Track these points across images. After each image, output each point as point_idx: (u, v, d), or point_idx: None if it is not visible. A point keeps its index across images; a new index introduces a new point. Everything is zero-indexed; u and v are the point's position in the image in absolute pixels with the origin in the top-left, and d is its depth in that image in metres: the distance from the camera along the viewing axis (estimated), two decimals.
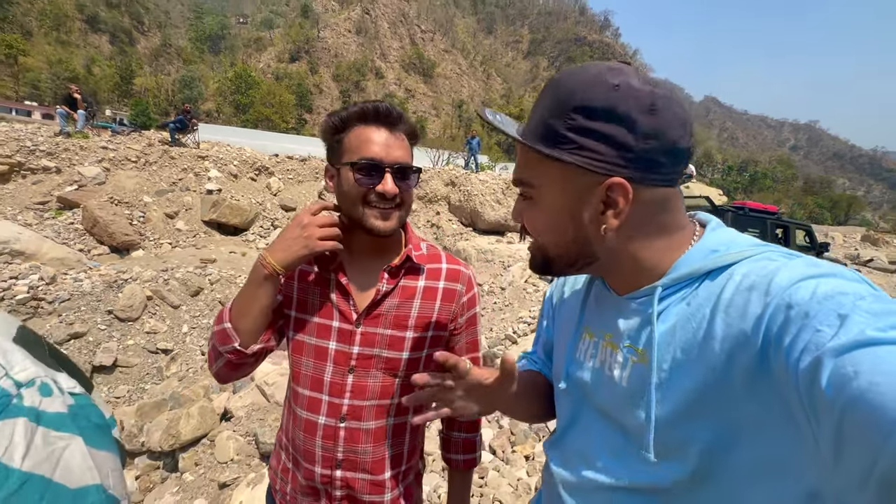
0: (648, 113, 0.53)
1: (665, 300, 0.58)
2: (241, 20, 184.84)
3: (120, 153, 9.63)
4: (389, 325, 0.95)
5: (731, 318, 0.50)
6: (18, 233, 6.36)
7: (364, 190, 0.88)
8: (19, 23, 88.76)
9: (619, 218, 0.56)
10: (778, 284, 0.47)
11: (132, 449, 3.24)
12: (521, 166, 0.63)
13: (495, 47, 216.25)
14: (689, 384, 0.53)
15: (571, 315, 0.76)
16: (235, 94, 66.18)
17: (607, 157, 0.54)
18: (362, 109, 0.90)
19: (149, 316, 5.91)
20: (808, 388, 0.40)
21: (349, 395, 0.93)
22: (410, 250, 0.98)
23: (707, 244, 0.59)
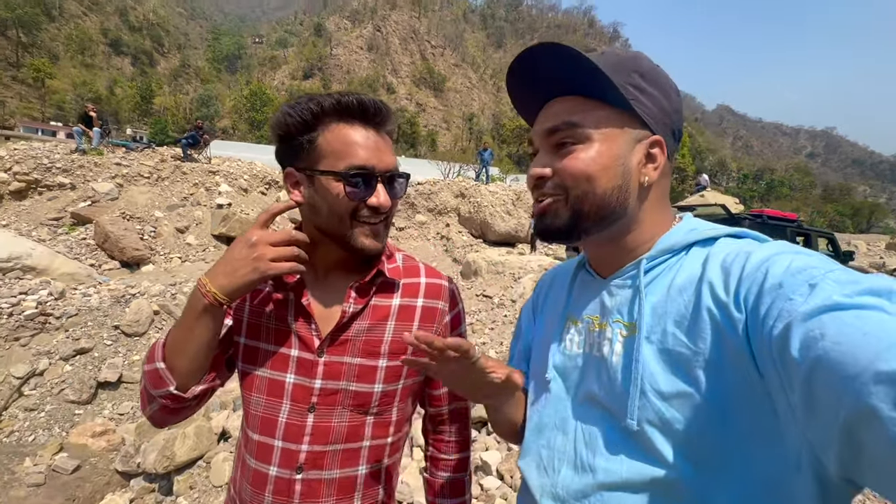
0: (676, 94, 0.64)
1: (650, 273, 0.62)
2: (257, 40, 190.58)
3: (133, 169, 9.79)
4: (358, 352, 0.79)
5: (716, 293, 0.53)
6: (31, 248, 6.43)
7: (354, 204, 0.73)
8: (47, 48, 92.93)
9: (657, 172, 0.61)
10: (755, 259, 0.51)
11: (128, 470, 3.14)
12: (566, 112, 0.62)
13: (505, 61, 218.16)
14: (679, 356, 0.54)
15: (556, 309, 0.76)
16: (250, 111, 67.76)
17: (657, 116, 0.61)
18: (342, 102, 0.73)
19: (155, 331, 5.87)
20: (780, 353, 0.43)
21: (308, 440, 0.77)
22: (382, 263, 0.83)
23: (686, 225, 0.65)
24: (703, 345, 0.52)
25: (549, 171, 0.63)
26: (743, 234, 0.60)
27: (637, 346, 0.57)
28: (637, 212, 0.63)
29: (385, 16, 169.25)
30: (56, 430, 4.48)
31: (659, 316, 0.57)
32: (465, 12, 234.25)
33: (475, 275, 9.63)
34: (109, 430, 4.15)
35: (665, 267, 0.61)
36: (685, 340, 0.54)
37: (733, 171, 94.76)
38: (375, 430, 0.81)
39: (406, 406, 0.87)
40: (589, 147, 0.60)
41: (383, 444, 0.83)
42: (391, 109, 0.78)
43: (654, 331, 0.57)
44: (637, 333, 0.58)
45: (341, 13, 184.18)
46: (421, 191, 13.15)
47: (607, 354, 0.62)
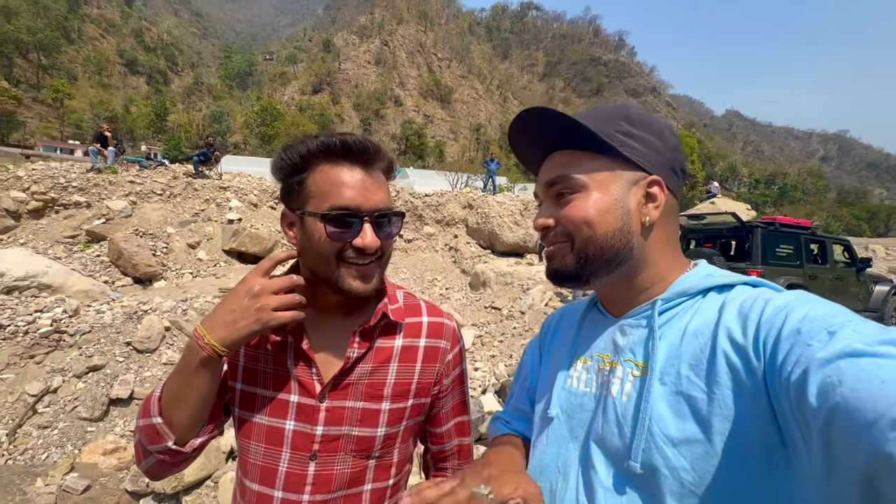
0: (672, 134, 0.67)
1: (664, 314, 0.62)
2: (268, 57, 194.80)
3: (146, 186, 9.99)
4: (361, 396, 0.77)
5: (734, 338, 0.52)
6: (47, 266, 6.56)
7: (338, 245, 0.72)
8: (66, 69, 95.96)
9: (658, 210, 0.63)
10: (774, 306, 0.51)
11: (137, 490, 3.15)
12: (563, 165, 0.66)
13: (511, 71, 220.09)
14: (692, 400, 0.53)
15: (564, 347, 0.75)
16: (261, 126, 69.06)
17: (649, 157, 0.64)
18: (327, 144, 0.72)
19: (166, 347, 5.93)
20: (798, 399, 0.42)
21: (310, 489, 0.74)
22: (386, 305, 0.81)
23: (702, 270, 0.66)
24: (717, 390, 0.51)
25: (551, 221, 0.66)
26: (759, 283, 0.60)
27: (648, 386, 0.57)
28: (644, 252, 0.64)
29: (392, 30, 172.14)
30: (69, 447, 4.52)
31: (673, 358, 0.57)
32: (471, 25, 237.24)
33: (484, 286, 9.59)
34: (120, 447, 4.17)
35: (680, 309, 0.61)
36: (700, 384, 0.53)
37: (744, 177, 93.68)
38: (377, 473, 0.80)
39: (408, 446, 0.86)
40: (586, 194, 0.64)
41: (385, 486, 0.82)
42: (381, 147, 0.75)
43: (668, 373, 0.57)
44: (649, 374, 0.58)
45: (349, 29, 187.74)
46: (429, 202, 13.20)
47: (616, 393, 0.61)
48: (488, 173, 15.91)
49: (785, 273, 6.14)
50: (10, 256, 6.54)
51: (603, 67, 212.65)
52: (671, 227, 0.67)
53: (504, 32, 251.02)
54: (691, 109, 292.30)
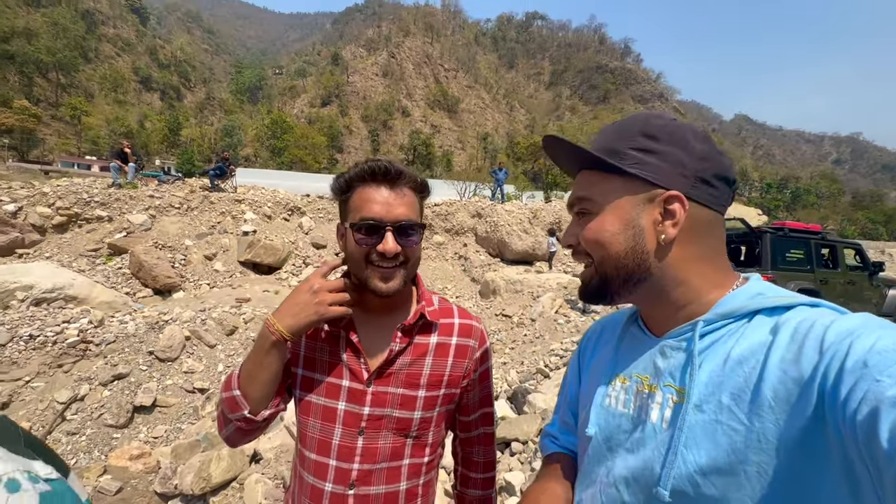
0: (702, 141, 0.62)
1: (706, 337, 0.59)
2: (277, 71, 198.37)
3: (165, 200, 10.29)
4: (401, 383, 0.91)
5: (786, 367, 0.49)
6: (72, 279, 6.80)
7: (365, 250, 0.86)
8: (83, 87, 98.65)
9: (676, 227, 0.60)
10: (836, 334, 0.46)
11: (165, 491, 3.28)
12: (580, 186, 0.68)
13: (517, 80, 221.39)
14: (731, 431, 0.51)
15: (603, 362, 0.75)
16: (271, 138, 70.08)
17: (666, 172, 0.61)
18: (362, 170, 0.88)
19: (187, 356, 6.10)
20: (867, 441, 0.39)
21: (359, 460, 0.89)
22: (423, 307, 0.95)
23: (753, 288, 0.61)
24: (759, 423, 0.49)
25: (574, 239, 0.68)
26: (819, 304, 0.55)
27: (683, 413, 0.55)
28: (670, 270, 0.62)
29: (399, 43, 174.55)
30: (95, 453, 4.68)
31: (715, 386, 0.54)
32: (477, 35, 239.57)
33: (494, 294, 9.68)
34: (145, 453, 4.31)
35: (725, 332, 0.58)
36: (740, 416, 0.51)
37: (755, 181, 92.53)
38: (414, 450, 0.93)
39: (440, 430, 0.99)
40: (599, 216, 0.64)
41: (420, 462, 0.94)
42: (403, 170, 0.90)
43: (708, 401, 0.54)
44: (685, 401, 0.56)
45: (357, 42, 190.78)
46: (438, 212, 13.35)
47: (656, 420, 0.60)
48: (496, 182, 16.02)
49: (795, 278, 6.14)
50: (37, 270, 6.80)
51: (609, 75, 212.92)
52: (704, 242, 0.62)
53: (510, 42, 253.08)
54: (699, 115, 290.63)
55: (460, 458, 1.11)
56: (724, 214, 0.64)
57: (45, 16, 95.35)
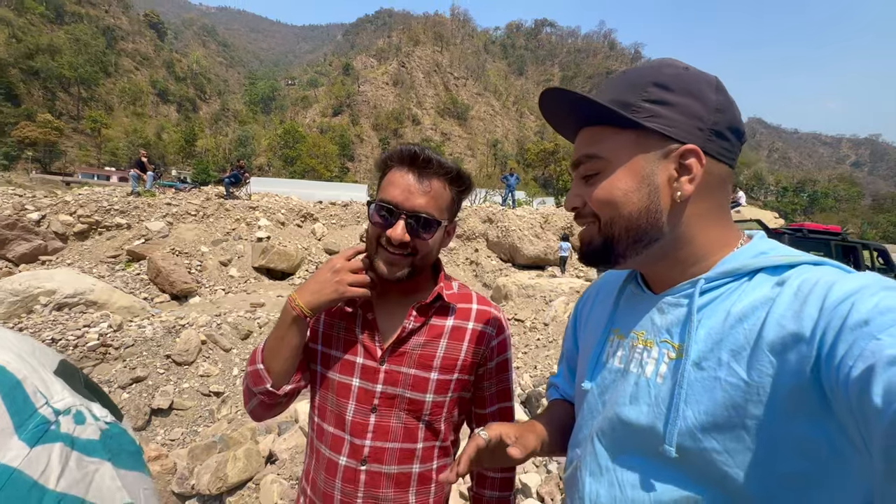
0: (716, 90, 0.58)
1: (706, 295, 0.58)
2: (290, 82, 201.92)
3: (181, 208, 10.49)
4: (414, 364, 0.91)
5: (786, 322, 0.48)
6: (93, 284, 6.96)
7: (378, 231, 0.87)
8: (104, 100, 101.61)
9: (693, 183, 0.57)
10: (839, 292, 0.46)
11: (182, 492, 3.31)
12: (587, 143, 0.63)
13: (527, 87, 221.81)
14: (731, 387, 0.51)
15: (600, 319, 0.74)
16: (284, 148, 71.15)
17: (682, 125, 0.57)
18: (397, 152, 0.88)
19: (203, 359, 6.18)
20: (859, 397, 0.39)
21: (371, 436, 0.89)
22: (442, 288, 0.94)
23: (757, 247, 0.60)
24: (758, 378, 0.49)
25: (580, 201, 0.65)
26: (823, 262, 0.54)
27: (682, 370, 0.55)
28: (681, 228, 0.59)
29: (409, 52, 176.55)
30: None
31: (714, 343, 0.54)
32: (486, 43, 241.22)
33: (505, 299, 9.64)
34: (162, 454, 4.36)
35: (725, 290, 0.57)
36: (740, 372, 0.51)
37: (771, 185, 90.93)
38: (427, 434, 0.92)
39: (454, 416, 0.97)
40: (610, 174, 0.60)
41: (433, 446, 0.94)
42: (438, 158, 0.87)
43: (708, 358, 0.54)
44: (684, 357, 0.55)
45: (368, 52, 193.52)
46: None
47: (651, 374, 0.60)
48: (507, 188, 16.03)
49: None
50: (59, 276, 6.97)
51: None
52: (715, 199, 0.60)
53: (519, 49, 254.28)
54: None
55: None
56: (734, 168, 0.62)
57: (67, 32, 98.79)
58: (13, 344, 0.50)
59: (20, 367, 0.47)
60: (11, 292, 6.10)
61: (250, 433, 4.03)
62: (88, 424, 0.49)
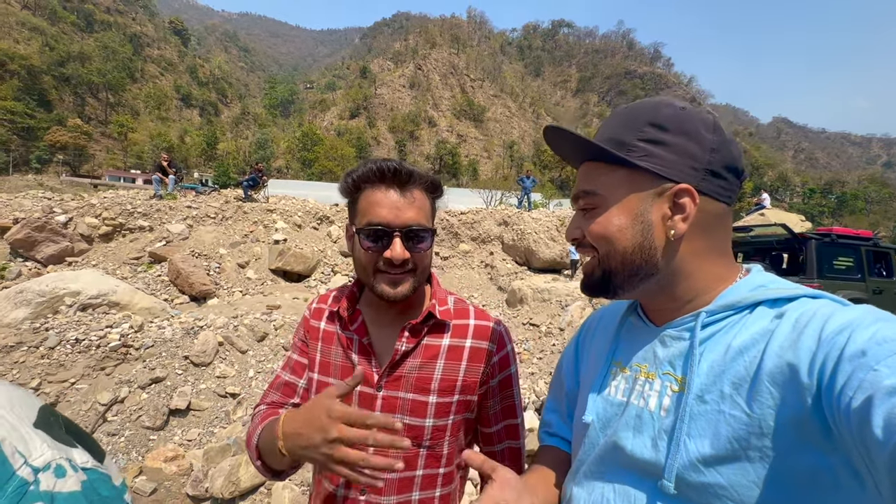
0: (713, 131, 0.59)
1: (708, 328, 0.58)
2: (308, 86, 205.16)
3: (201, 211, 10.70)
4: (411, 388, 0.87)
5: (784, 353, 0.49)
6: (116, 286, 7.14)
7: (374, 256, 0.83)
8: (130, 105, 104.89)
9: (687, 222, 0.58)
10: (836, 324, 0.47)
11: (197, 494, 3.35)
12: (585, 179, 0.65)
13: (544, 88, 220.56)
14: (732, 420, 0.51)
15: (601, 352, 0.73)
16: (302, 150, 72.24)
17: (676, 164, 0.58)
18: (369, 170, 0.83)
19: (219, 361, 6.26)
20: (860, 428, 0.39)
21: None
22: (434, 306, 0.90)
23: (755, 280, 0.61)
24: (759, 410, 0.49)
25: (579, 233, 0.66)
26: (820, 296, 0.55)
27: (685, 403, 0.55)
28: (677, 264, 0.60)
29: (426, 54, 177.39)
30: (133, 454, 4.84)
31: (716, 375, 0.54)
32: (503, 45, 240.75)
33: (521, 303, 9.54)
34: (179, 455, 4.43)
35: (727, 324, 0.57)
36: (741, 404, 0.51)
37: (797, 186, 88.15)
38: (428, 461, 0.88)
39: (457, 440, 0.92)
40: (605, 211, 0.62)
41: (435, 474, 0.90)
42: (413, 171, 0.84)
43: (710, 391, 0.54)
44: (686, 391, 0.55)
45: (385, 55, 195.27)
46: (464, 220, 13.34)
47: (654, 408, 0.59)
48: (524, 190, 15.89)
49: (845, 287, 5.77)
50: (84, 277, 7.17)
51: (638, 80, 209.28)
52: (712, 236, 0.61)
53: (536, 51, 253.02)
54: (735, 118, 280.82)
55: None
56: (732, 206, 0.62)
57: (97, 40, 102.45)
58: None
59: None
60: (39, 293, 6.29)
61: None
62: (69, 477, 0.48)
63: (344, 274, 10.24)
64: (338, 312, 0.93)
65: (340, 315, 0.92)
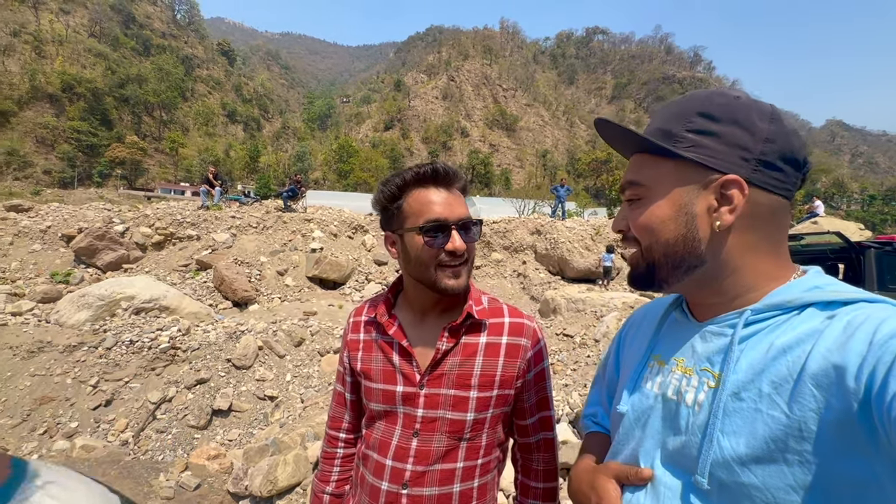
0: (769, 121, 0.57)
1: (751, 326, 0.57)
2: (345, 99, 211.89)
3: (244, 221, 11.22)
4: (452, 384, 0.91)
5: (831, 355, 0.47)
6: (166, 291, 7.58)
7: (435, 251, 0.87)
8: (181, 122, 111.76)
9: (734, 214, 0.56)
10: (889, 327, 0.45)
11: (237, 492, 3.48)
12: (632, 170, 0.65)
13: (577, 96, 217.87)
14: (770, 420, 0.49)
15: (641, 345, 0.74)
16: (339, 162, 74.34)
17: (725, 155, 0.57)
18: (420, 172, 0.89)
19: (259, 364, 6.50)
20: None
21: (412, 461, 0.90)
22: (471, 306, 0.95)
23: (811, 281, 0.58)
24: (800, 412, 0.48)
25: (624, 224, 0.66)
26: (878, 300, 0.52)
27: (719, 400, 0.54)
28: (725, 258, 0.59)
29: (458, 66, 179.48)
30: (179, 451, 5.09)
31: (756, 373, 0.53)
32: (536, 54, 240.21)
33: (554, 313, 9.37)
34: (221, 454, 4.61)
35: (772, 323, 0.55)
36: (781, 404, 0.49)
37: (855, 193, 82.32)
38: (468, 453, 0.92)
39: (496, 432, 0.97)
40: (649, 202, 0.62)
41: (474, 465, 0.93)
42: (457, 171, 0.92)
43: (748, 388, 0.53)
44: (721, 387, 0.55)
45: (418, 68, 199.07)
46: (496, 229, 13.31)
47: (690, 403, 0.59)
48: (557, 199, 15.68)
49: None
50: (138, 282, 7.66)
51: (678, 85, 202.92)
52: (764, 230, 0.58)
53: (569, 59, 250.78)
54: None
55: (520, 466, 1.07)
56: (791, 199, 0.60)
57: (153, 63, 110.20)
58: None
59: None
60: (98, 297, 6.77)
61: (300, 438, 4.17)
62: None
63: (378, 282, 10.40)
64: (375, 320, 0.99)
65: (378, 322, 0.98)
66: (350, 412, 1.09)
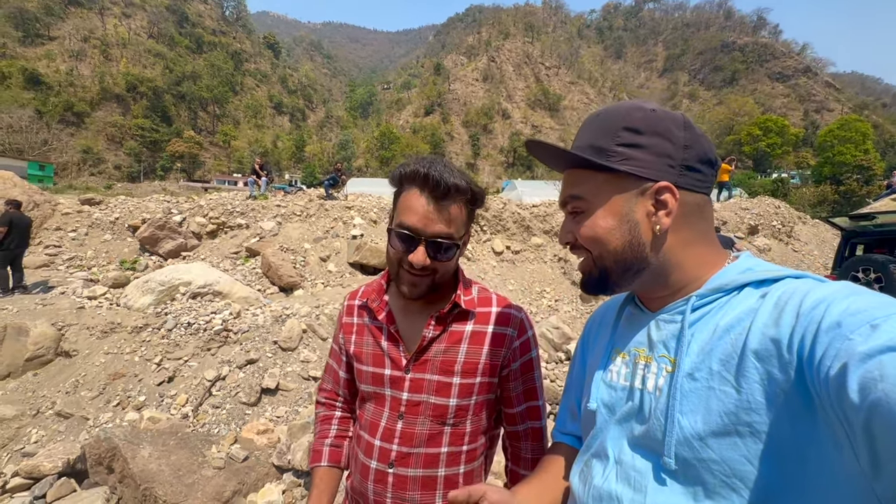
0: (684, 129, 0.63)
1: (698, 311, 0.61)
2: (385, 86, 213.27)
3: (289, 209, 11.68)
4: (436, 370, 0.93)
5: (766, 329, 0.52)
6: (219, 277, 8.08)
7: (398, 256, 0.89)
8: (232, 116, 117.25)
9: (670, 216, 0.62)
10: (813, 299, 0.50)
11: (281, 465, 3.72)
12: (570, 185, 0.69)
13: (626, 70, 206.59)
14: (723, 395, 0.53)
15: (602, 342, 0.77)
16: (380, 149, 75.56)
17: (654, 164, 0.62)
18: (413, 172, 0.87)
19: (303, 346, 6.83)
20: (838, 395, 0.41)
21: (398, 442, 0.93)
22: (459, 296, 0.96)
23: (743, 264, 0.64)
24: (746, 385, 0.51)
25: (571, 237, 0.69)
26: (803, 276, 0.57)
27: (675, 382, 0.57)
28: (667, 256, 0.64)
29: (499, 46, 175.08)
30: (232, 425, 5.48)
31: (706, 354, 0.56)
32: (580, 29, 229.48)
33: (596, 298, 9.13)
34: (269, 429, 4.93)
35: (715, 306, 0.60)
36: (730, 380, 0.53)
37: None
38: (452, 438, 0.94)
39: (480, 419, 0.98)
40: (592, 214, 0.65)
41: (459, 451, 0.96)
42: (457, 184, 0.86)
43: (700, 368, 0.56)
44: (676, 370, 0.58)
45: (458, 51, 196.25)
46: (536, 213, 13.05)
47: (651, 388, 0.63)
48: None
49: None
50: (195, 269, 8.22)
51: (738, 53, 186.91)
52: (696, 225, 0.64)
53: (617, 31, 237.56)
54: (863, 88, 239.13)
55: (509, 454, 1.09)
56: (710, 195, 0.66)
57: (205, 60, 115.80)
58: None
59: None
60: (160, 283, 7.34)
61: None
62: None
63: None
64: (366, 305, 1.02)
65: (369, 307, 1.01)
66: (343, 389, 1.14)
